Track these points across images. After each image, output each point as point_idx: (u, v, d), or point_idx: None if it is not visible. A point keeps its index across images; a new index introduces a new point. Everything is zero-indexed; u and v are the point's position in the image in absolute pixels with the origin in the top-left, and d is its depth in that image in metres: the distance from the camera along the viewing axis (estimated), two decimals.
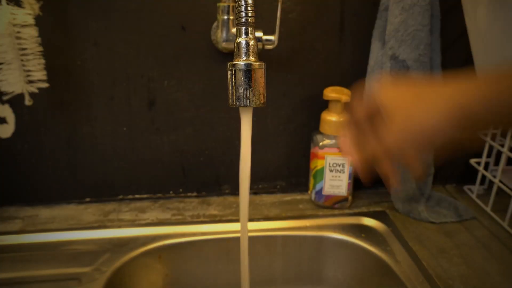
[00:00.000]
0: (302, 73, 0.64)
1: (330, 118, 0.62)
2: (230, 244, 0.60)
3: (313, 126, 0.66)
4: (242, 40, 0.39)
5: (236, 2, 0.39)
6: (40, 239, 0.58)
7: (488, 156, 0.68)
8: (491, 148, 0.67)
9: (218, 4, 0.57)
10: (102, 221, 0.62)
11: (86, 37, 0.59)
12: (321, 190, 0.65)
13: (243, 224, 0.45)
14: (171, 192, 0.69)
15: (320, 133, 0.64)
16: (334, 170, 0.63)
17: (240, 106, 0.40)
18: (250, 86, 0.39)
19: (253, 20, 0.39)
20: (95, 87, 0.61)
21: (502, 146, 0.62)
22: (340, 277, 0.62)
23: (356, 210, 0.66)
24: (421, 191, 0.66)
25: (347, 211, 0.66)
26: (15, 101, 0.59)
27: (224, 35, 0.58)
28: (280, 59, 0.63)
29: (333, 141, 0.63)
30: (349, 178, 0.64)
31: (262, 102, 0.40)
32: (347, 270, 0.61)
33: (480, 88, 0.32)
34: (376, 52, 0.61)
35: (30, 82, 0.55)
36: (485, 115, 0.31)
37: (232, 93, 0.39)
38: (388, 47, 0.59)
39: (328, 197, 0.65)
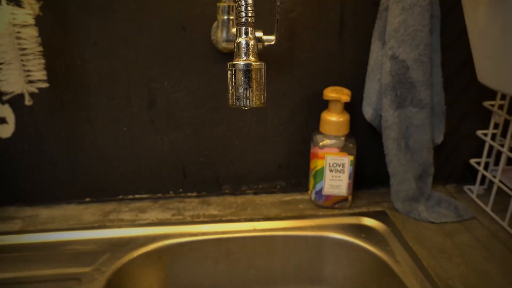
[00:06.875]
0: (302, 73, 0.64)
1: (330, 118, 0.62)
2: (230, 244, 0.60)
3: (313, 126, 0.66)
4: (242, 40, 0.39)
5: (236, 2, 0.39)
6: (40, 239, 0.58)
7: (488, 156, 0.68)
8: (491, 148, 0.67)
9: (218, 4, 0.57)
10: (102, 221, 0.62)
11: (86, 37, 0.59)
12: (321, 190, 0.65)
13: None
14: (171, 192, 0.69)
15: (320, 133, 0.64)
16: (334, 170, 0.63)
17: (240, 106, 0.40)
18: (250, 86, 0.39)
19: (253, 20, 0.39)
20: (95, 87, 0.61)
21: (502, 146, 0.62)
22: (340, 277, 0.62)
23: (356, 210, 0.66)
24: (421, 191, 0.66)
25: (347, 211, 0.66)
26: (15, 101, 0.59)
27: (224, 35, 0.58)
28: (280, 59, 0.63)
29: (333, 141, 0.63)
30: (349, 178, 0.64)
31: (262, 102, 0.40)
32: (347, 270, 0.61)
33: None
34: (376, 52, 0.61)
35: (30, 82, 0.55)
36: None
37: (232, 93, 0.40)
38: (388, 47, 0.59)
39: (328, 197, 0.65)
